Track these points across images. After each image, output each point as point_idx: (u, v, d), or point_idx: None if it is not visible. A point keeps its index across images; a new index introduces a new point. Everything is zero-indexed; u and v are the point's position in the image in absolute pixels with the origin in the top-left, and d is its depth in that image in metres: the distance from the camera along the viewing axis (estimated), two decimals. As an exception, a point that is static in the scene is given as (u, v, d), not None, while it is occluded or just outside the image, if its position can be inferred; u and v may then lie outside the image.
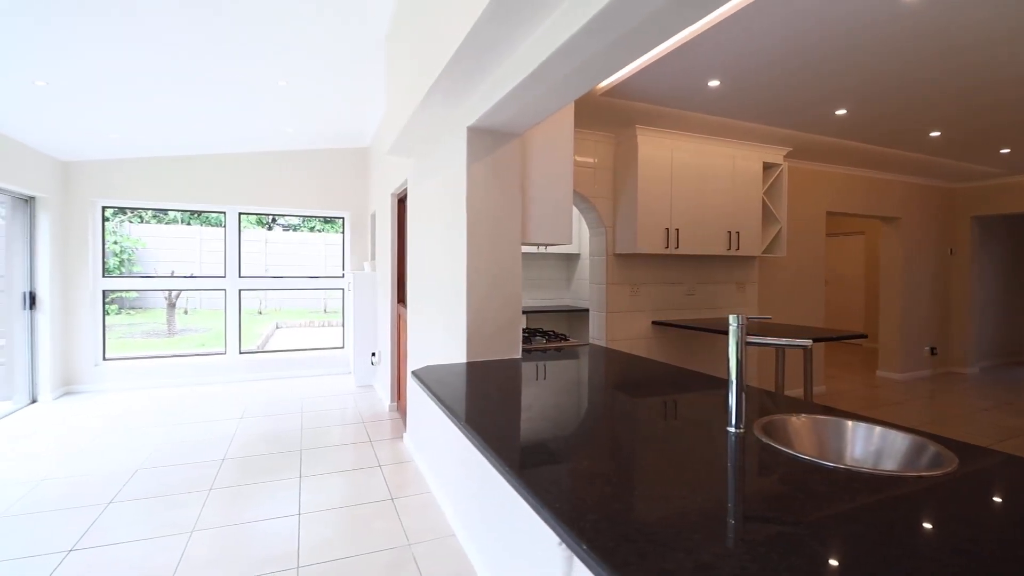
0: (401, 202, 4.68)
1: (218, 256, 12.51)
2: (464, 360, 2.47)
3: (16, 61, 3.27)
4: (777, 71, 3.07)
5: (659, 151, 4.04)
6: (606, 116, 3.99)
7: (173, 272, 11.30)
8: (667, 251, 4.06)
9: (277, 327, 10.63)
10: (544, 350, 2.91)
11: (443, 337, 2.86)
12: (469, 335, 2.43)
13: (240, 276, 5.97)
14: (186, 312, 10.55)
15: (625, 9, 1.37)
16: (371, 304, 5.54)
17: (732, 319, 1.43)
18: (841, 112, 3.75)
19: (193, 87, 3.95)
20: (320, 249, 13.54)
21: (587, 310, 4.60)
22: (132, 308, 10.36)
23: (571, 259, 5.42)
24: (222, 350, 5.92)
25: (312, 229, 16.36)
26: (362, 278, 5.54)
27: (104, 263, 5.54)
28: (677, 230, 4.08)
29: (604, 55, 1.68)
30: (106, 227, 5.65)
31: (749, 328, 4.05)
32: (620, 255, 4.19)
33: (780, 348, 3.90)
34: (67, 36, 3.04)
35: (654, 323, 4.32)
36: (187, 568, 2.24)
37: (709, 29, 2.59)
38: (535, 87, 1.94)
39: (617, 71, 1.90)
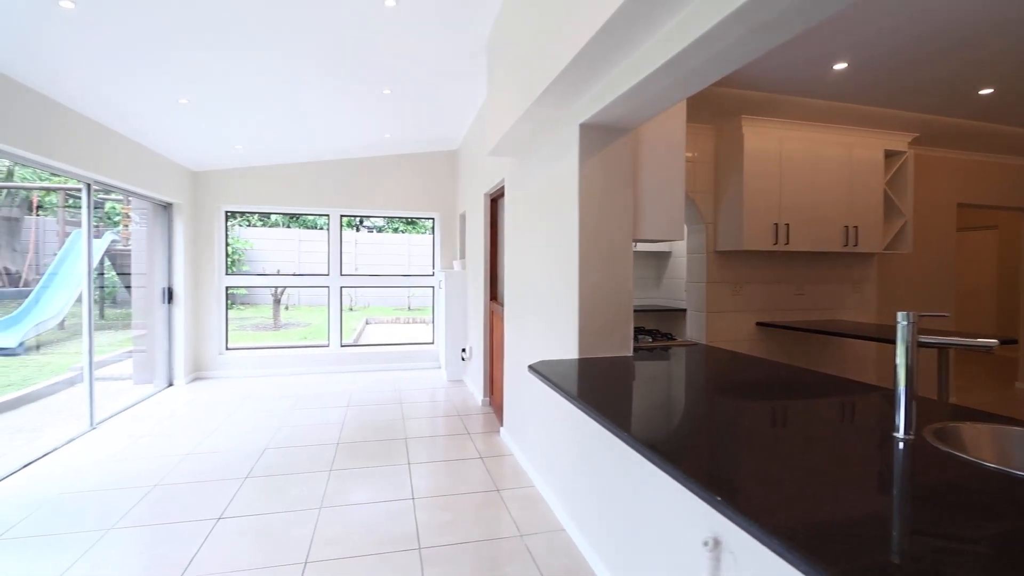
0: (494, 202, 4.78)
1: (313, 256, 13.45)
2: (575, 357, 2.48)
3: (166, 82, 3.69)
4: (913, 49, 2.80)
5: (766, 142, 3.82)
6: (709, 107, 3.84)
7: (279, 271, 12.31)
8: (775, 248, 3.83)
9: (367, 323, 11.25)
10: (650, 349, 2.86)
11: (546, 334, 2.89)
12: (581, 332, 2.44)
13: (341, 274, 6.36)
14: (287, 308, 11.43)
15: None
16: (461, 302, 5.71)
17: (901, 317, 1.32)
18: (987, 91, 3.35)
19: (307, 99, 4.26)
20: (404, 249, 14.17)
21: (679, 310, 4.45)
22: (243, 304, 11.41)
23: (661, 257, 5.26)
24: (325, 343, 6.36)
25: (396, 230, 17.15)
26: (453, 276, 5.72)
27: (227, 262, 6.14)
28: (787, 225, 3.84)
29: (741, 44, 1.61)
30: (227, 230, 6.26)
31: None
32: (722, 252, 4.02)
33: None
34: (208, 58, 3.39)
35: (759, 324, 4.10)
36: (321, 541, 2.43)
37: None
38: (660, 81, 1.90)
39: (749, 60, 1.82)
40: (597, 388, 1.91)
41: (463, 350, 5.67)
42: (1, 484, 3.06)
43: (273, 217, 14.43)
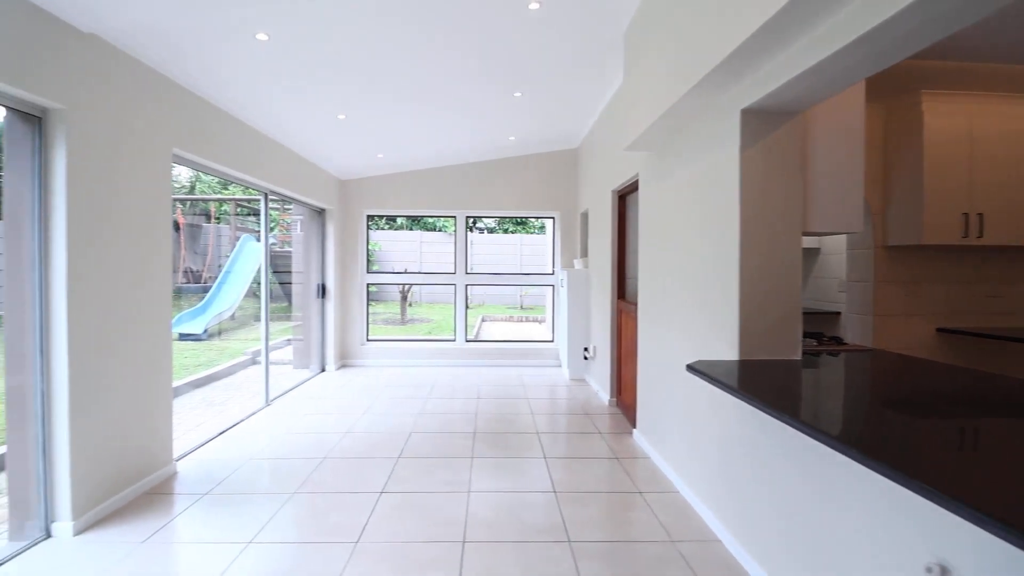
0: (622, 198, 4.69)
1: (433, 256, 14.27)
2: (733, 358, 2.34)
3: (329, 101, 4.13)
4: None
5: (952, 120, 3.30)
6: (875, 83, 3.40)
7: (406, 269, 13.26)
8: (963, 242, 3.30)
9: (483, 320, 11.69)
10: (816, 352, 2.60)
11: (694, 334, 2.76)
12: (743, 333, 2.29)
13: (467, 273, 6.67)
14: (411, 304, 12.25)
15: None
16: (583, 300, 5.69)
17: None
18: None
19: (442, 108, 4.53)
20: (516, 249, 14.51)
21: (829, 312, 4.01)
22: (373, 300, 12.48)
23: (808, 254, 4.78)
24: (451, 337, 6.71)
25: (506, 231, 17.62)
26: (575, 275, 5.72)
27: (367, 262, 6.75)
28: (980, 215, 3.29)
29: (963, 6, 1.41)
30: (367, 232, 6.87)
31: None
32: (893, 248, 3.54)
33: None
34: (364, 77, 3.72)
35: (940, 331, 3.55)
36: (475, 523, 2.56)
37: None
38: (849, 57, 1.72)
39: (971, 22, 1.57)
40: (783, 392, 1.78)
41: (585, 349, 5.65)
42: (205, 447, 3.64)
43: (399, 220, 15.59)
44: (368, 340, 6.68)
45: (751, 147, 2.32)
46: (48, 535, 2.45)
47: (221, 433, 3.91)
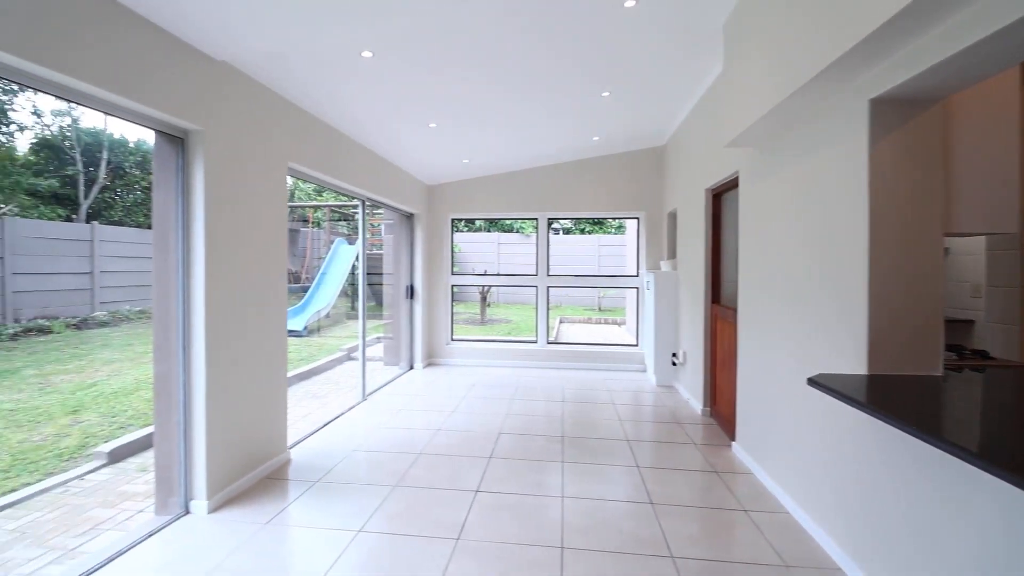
0: (717, 197, 4.46)
1: (510, 257, 14.42)
2: (859, 372, 2.13)
3: (422, 110, 4.28)
4: None
5: None
6: None
7: (485, 271, 13.55)
8: None
9: (561, 321, 11.65)
10: (957, 368, 2.31)
11: (810, 343, 2.56)
12: (872, 344, 2.08)
13: (548, 275, 6.66)
14: (489, 305, 12.48)
15: None
16: (671, 304, 5.48)
17: None
18: None
19: (530, 111, 4.54)
20: (593, 250, 14.32)
21: (960, 321, 3.54)
22: (455, 300, 12.88)
23: (935, 255, 4.26)
24: (533, 339, 6.73)
25: (583, 231, 17.44)
26: (662, 277, 5.53)
27: (452, 263, 6.95)
28: None
29: None
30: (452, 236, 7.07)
31: None
32: (1051, 247, 3.07)
33: None
34: (456, 85, 3.82)
35: (1115, 344, 3.02)
36: (572, 529, 2.54)
37: None
38: (1016, 34, 1.50)
39: None
40: (942, 416, 1.60)
41: (674, 355, 5.43)
42: (312, 437, 3.91)
43: (476, 223, 15.97)
44: (452, 340, 6.88)
45: (882, 140, 2.10)
46: (187, 511, 2.75)
47: (325, 425, 4.19)
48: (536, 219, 6.75)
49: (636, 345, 6.56)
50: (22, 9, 1.85)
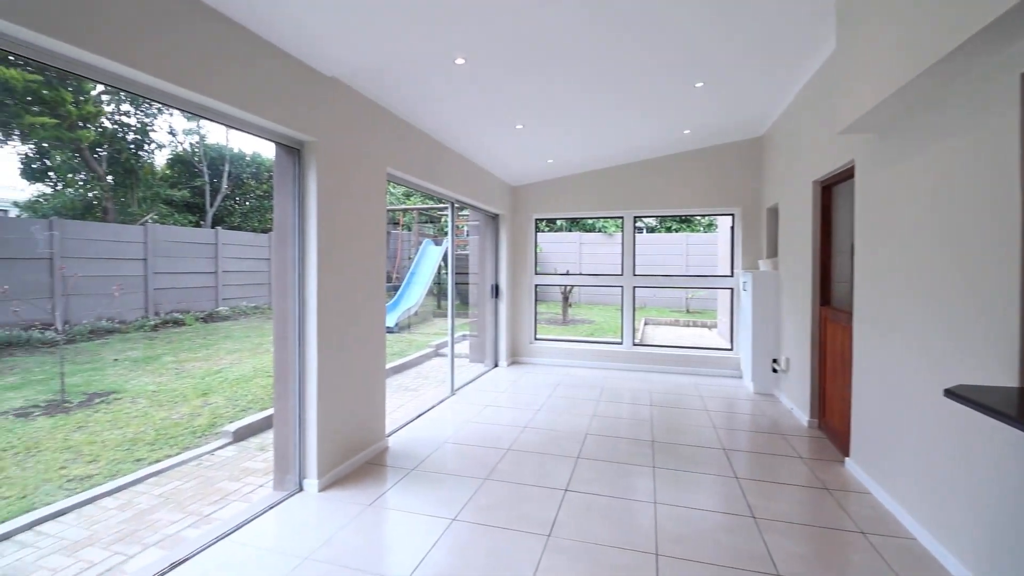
0: (826, 189, 4.10)
1: (593, 257, 14.24)
2: (1010, 384, 1.85)
3: (510, 111, 4.34)
4: None
5: None
6: None
7: (568, 271, 13.51)
8: None
9: (646, 323, 11.31)
10: None
11: (945, 351, 2.26)
12: (1031, 351, 1.80)
13: (634, 274, 6.49)
14: (571, 305, 12.40)
15: None
16: (771, 306, 5.11)
17: None
18: None
19: (616, 107, 4.44)
20: (681, 248, 13.74)
21: None
22: (537, 300, 12.96)
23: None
24: (618, 340, 6.59)
25: (669, 229, 16.80)
26: (761, 277, 5.17)
27: (535, 263, 6.99)
28: None
29: None
30: (536, 236, 7.11)
31: None
32: None
33: None
34: (545, 85, 3.83)
35: None
36: (666, 537, 2.45)
37: None
38: None
39: None
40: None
41: (774, 361, 5.07)
42: (407, 427, 4.12)
43: (558, 222, 15.95)
44: (536, 339, 6.92)
45: (1046, 116, 1.81)
46: (300, 489, 3.01)
47: (418, 416, 4.40)
48: (621, 218, 6.61)
49: (730, 349, 6.20)
50: (186, 46, 2.12)
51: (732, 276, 6.24)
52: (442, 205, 13.55)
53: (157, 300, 9.99)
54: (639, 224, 16.14)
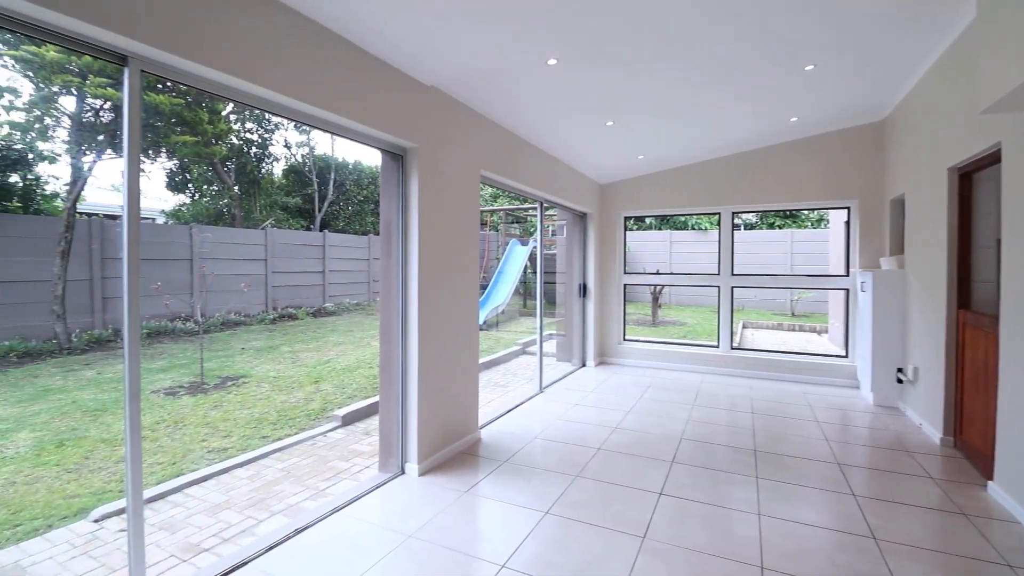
0: (965, 178, 3.60)
1: (685, 255, 13.65)
2: None
3: (599, 109, 4.29)
4: None
5: None
6: None
7: (658, 270, 13.10)
8: None
9: (744, 326, 10.63)
10: None
11: None
12: None
13: (732, 274, 6.14)
14: (661, 306, 11.97)
15: None
16: (896, 309, 4.58)
17: None
18: None
19: (710, 96, 4.21)
20: (784, 246, 12.74)
21: None
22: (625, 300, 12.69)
23: None
24: (713, 343, 6.27)
25: (771, 225, 15.63)
26: (883, 277, 4.66)
27: (624, 262, 6.85)
28: None
29: None
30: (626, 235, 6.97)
31: None
32: None
33: None
34: (634, 81, 3.74)
35: None
36: (773, 551, 2.30)
37: None
38: None
39: None
40: None
41: (899, 370, 4.54)
42: (497, 421, 4.23)
43: (647, 220, 15.47)
44: (625, 340, 6.78)
45: None
46: (402, 472, 3.21)
47: (507, 412, 4.50)
48: (718, 214, 6.28)
49: (845, 356, 5.65)
50: (312, 67, 2.37)
51: (848, 276, 5.68)
52: (529, 205, 13.71)
53: (275, 296, 11.14)
54: (736, 220, 15.23)
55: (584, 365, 6.57)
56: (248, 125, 14.01)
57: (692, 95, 4.19)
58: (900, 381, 4.54)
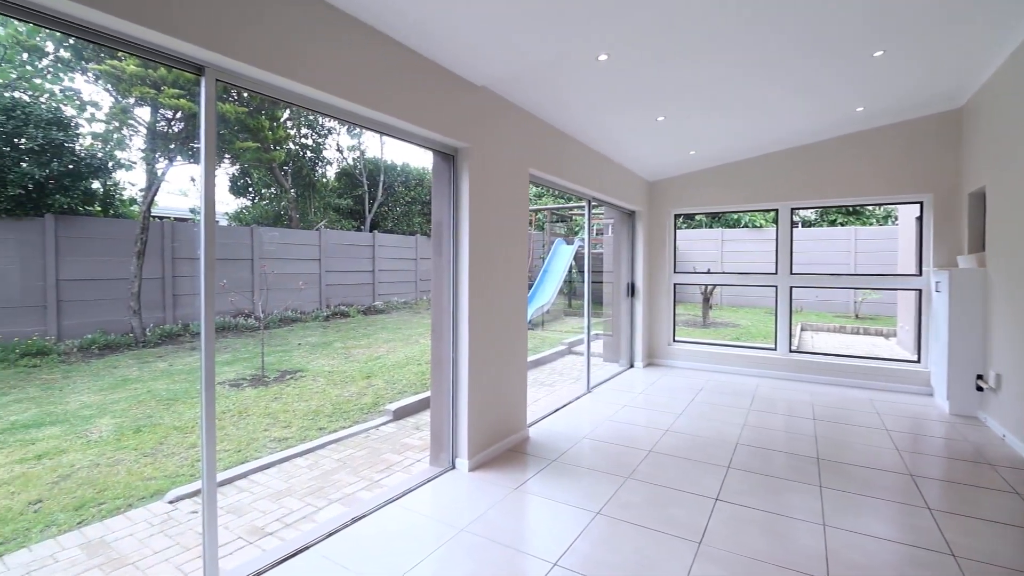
0: (1062, 167, 3.28)
1: (737, 254, 13.16)
2: None
3: (650, 104, 4.19)
4: None
5: None
6: None
7: (709, 269, 12.73)
8: None
9: (802, 329, 10.13)
10: None
11: None
12: None
13: (791, 273, 5.86)
14: (711, 307, 11.60)
15: None
16: (975, 310, 4.24)
17: None
18: None
19: (770, 88, 4.03)
20: (847, 244, 12.05)
21: None
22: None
23: None
24: (770, 345, 6.01)
25: (833, 223, 14.82)
26: (961, 277, 4.32)
27: (675, 261, 6.68)
28: None
29: None
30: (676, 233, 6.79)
31: None
32: None
33: None
34: (687, 74, 3.64)
35: None
36: (841, 563, 2.18)
37: None
38: None
39: None
40: None
41: (979, 377, 4.20)
42: (545, 420, 4.22)
43: (697, 218, 15.03)
44: (674, 341, 6.61)
45: None
46: (453, 467, 3.26)
47: (555, 411, 4.49)
48: (776, 210, 6.01)
49: (917, 361, 5.28)
50: (368, 71, 2.45)
51: (920, 275, 5.30)
52: (575, 204, 13.61)
53: (328, 295, 11.57)
54: (794, 218, 14.55)
55: (632, 366, 6.45)
56: (303, 131, 14.63)
57: (748, 87, 4.03)
58: (980, 389, 4.20)
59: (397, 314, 12.10)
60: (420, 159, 18.70)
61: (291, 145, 14.11)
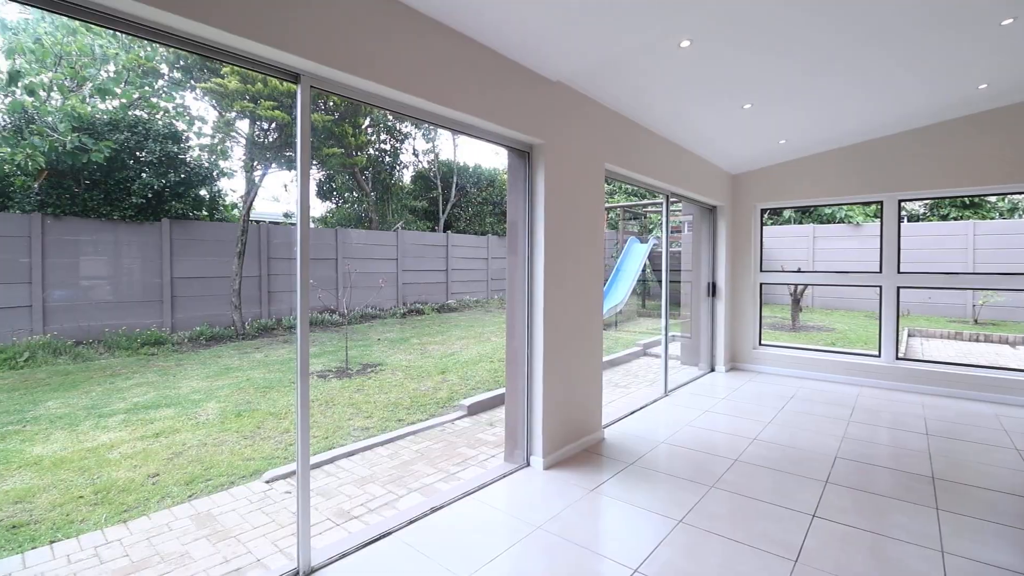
0: None
1: (830, 252, 12.13)
2: None
3: (735, 91, 3.94)
4: None
5: None
6: None
7: (799, 268, 11.86)
8: None
9: (909, 335, 9.14)
10: None
11: None
12: None
13: (899, 272, 5.29)
14: (801, 309, 10.78)
15: None
16: None
17: None
18: None
19: (872, 65, 3.64)
20: (961, 240, 10.72)
21: None
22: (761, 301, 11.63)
23: None
24: (873, 352, 5.47)
25: (945, 216, 13.24)
26: (1119, 275, 3.68)
27: (761, 260, 6.26)
28: None
29: None
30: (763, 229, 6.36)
31: None
32: None
33: None
34: (775, 55, 3.37)
35: None
36: (966, 598, 1.93)
37: None
38: None
39: None
40: None
41: None
42: (621, 422, 4.11)
43: (784, 214, 14.02)
44: (760, 344, 6.20)
45: None
46: (527, 464, 3.26)
47: (631, 413, 4.36)
48: (880, 202, 5.46)
49: (1055, 373, 4.58)
50: (447, 71, 2.50)
51: (1060, 274, 4.59)
52: (651, 200, 13.19)
53: (405, 293, 12.05)
54: (900, 212, 13.16)
55: (713, 370, 6.13)
56: (382, 136, 15.34)
57: (848, 69, 3.68)
58: None
59: (469, 312, 12.35)
60: (492, 161, 18.97)
61: (371, 150, 14.83)
